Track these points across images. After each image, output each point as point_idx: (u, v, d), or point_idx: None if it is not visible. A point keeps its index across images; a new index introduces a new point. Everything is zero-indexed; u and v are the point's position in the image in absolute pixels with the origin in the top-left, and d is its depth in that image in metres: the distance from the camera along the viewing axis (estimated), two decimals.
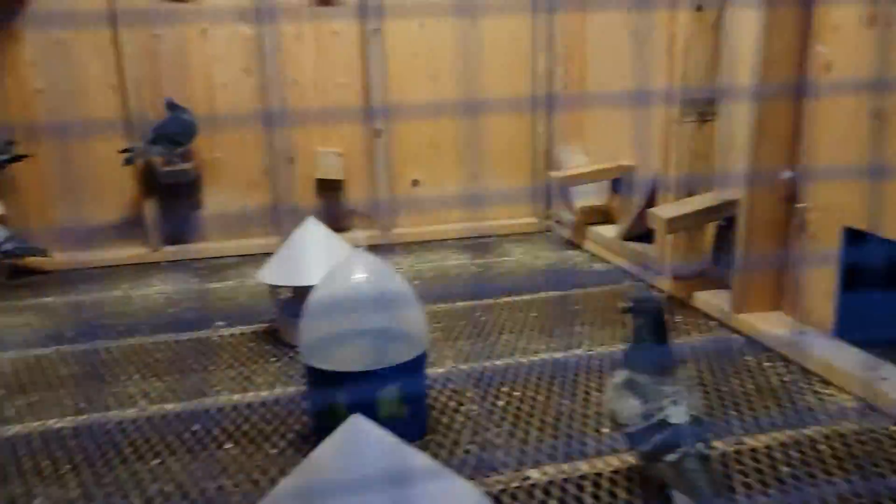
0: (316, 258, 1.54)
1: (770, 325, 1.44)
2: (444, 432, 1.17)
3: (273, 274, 1.56)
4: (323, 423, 1.10)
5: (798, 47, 1.36)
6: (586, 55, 2.40)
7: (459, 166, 2.61)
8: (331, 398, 1.09)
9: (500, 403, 1.26)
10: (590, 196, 2.37)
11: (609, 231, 2.17)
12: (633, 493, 0.97)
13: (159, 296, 2.04)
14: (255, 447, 1.15)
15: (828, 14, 1.31)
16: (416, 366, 1.14)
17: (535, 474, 1.03)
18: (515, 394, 1.30)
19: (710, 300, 1.63)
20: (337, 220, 2.57)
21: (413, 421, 1.15)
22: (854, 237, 1.29)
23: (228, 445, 1.15)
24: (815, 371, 1.31)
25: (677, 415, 0.86)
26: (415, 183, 2.59)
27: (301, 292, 1.55)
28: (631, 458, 1.03)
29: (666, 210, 1.58)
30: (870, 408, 1.17)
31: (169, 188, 2.38)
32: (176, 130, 2.28)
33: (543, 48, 2.52)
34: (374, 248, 2.40)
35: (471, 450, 1.11)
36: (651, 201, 1.88)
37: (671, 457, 0.83)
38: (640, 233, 2.00)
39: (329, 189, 2.52)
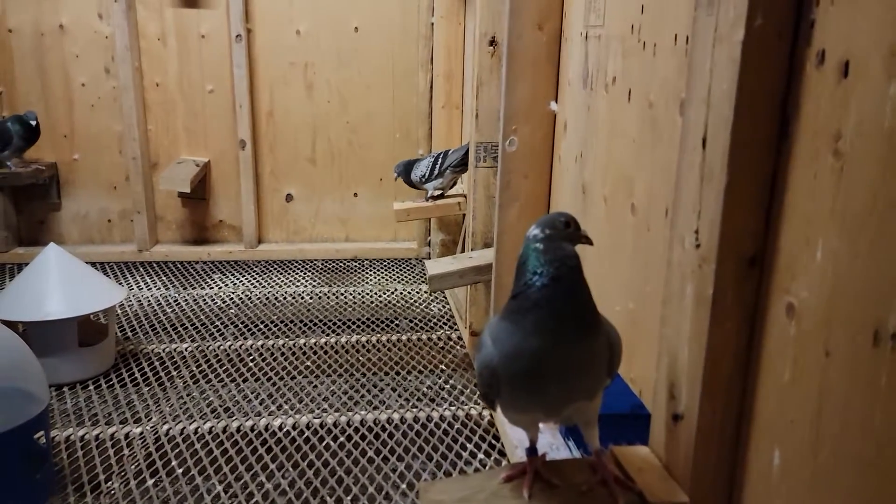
0: (53, 290, 1.44)
1: None
2: None
3: (5, 308, 1.44)
4: None
5: (540, 102, 1.20)
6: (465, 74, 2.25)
7: (338, 183, 2.47)
8: None
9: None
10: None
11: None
12: None
13: None
14: None
15: (566, 69, 1.15)
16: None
17: None
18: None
19: None
20: (202, 232, 2.47)
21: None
22: None
23: None
24: None
25: None
26: (289, 198, 2.47)
27: (34, 327, 1.44)
28: None
29: (434, 265, 1.43)
30: None
31: (19, 189, 2.30)
32: None
33: (424, 64, 2.36)
34: (234, 265, 2.34)
35: None
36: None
37: None
38: None
39: (194, 198, 2.41)
